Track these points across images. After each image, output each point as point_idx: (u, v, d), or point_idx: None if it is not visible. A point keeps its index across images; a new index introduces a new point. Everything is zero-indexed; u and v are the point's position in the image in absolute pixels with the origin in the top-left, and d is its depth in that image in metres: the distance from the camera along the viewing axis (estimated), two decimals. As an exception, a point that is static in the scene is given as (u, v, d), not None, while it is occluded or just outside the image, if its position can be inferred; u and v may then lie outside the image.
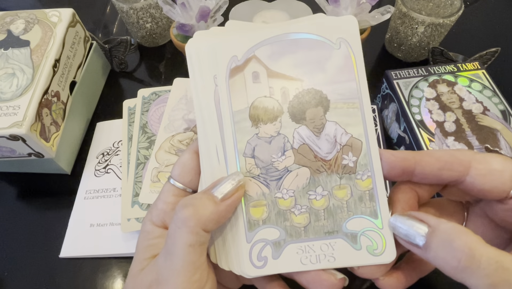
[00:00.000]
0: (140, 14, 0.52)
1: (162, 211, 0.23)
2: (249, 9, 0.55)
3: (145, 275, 0.21)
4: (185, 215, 0.20)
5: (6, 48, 0.42)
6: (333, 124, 0.22)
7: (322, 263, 0.21)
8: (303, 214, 0.22)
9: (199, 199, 0.21)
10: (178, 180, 0.23)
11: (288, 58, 0.23)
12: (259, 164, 0.23)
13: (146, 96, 0.44)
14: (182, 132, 0.39)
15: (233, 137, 0.23)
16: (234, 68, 0.23)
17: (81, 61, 0.47)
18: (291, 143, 0.22)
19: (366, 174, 0.22)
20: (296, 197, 0.22)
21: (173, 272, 0.20)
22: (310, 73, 0.23)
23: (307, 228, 0.22)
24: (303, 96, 0.23)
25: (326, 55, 0.23)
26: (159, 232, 0.23)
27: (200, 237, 0.20)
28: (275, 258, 0.22)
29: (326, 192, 0.22)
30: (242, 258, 0.22)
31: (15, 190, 0.44)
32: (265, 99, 0.23)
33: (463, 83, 0.40)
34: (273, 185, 0.22)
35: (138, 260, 0.22)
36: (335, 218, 0.22)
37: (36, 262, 0.38)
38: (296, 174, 0.22)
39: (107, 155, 0.45)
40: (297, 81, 0.23)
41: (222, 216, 0.21)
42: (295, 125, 0.23)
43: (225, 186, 0.21)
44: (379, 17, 0.45)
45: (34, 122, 0.36)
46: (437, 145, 0.35)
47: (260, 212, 0.22)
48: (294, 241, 0.22)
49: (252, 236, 0.22)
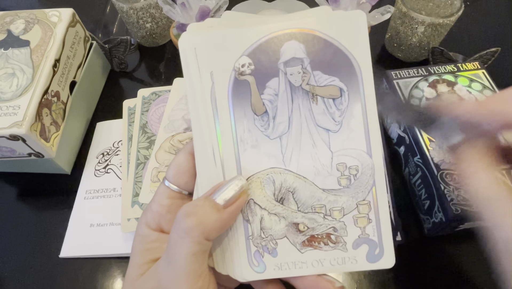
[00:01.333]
0: (140, 14, 0.52)
1: (157, 213, 0.23)
2: (249, 9, 0.55)
3: (145, 281, 0.21)
4: (188, 225, 0.19)
5: (6, 48, 0.42)
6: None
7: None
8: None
9: (202, 206, 0.20)
10: (173, 182, 0.23)
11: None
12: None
13: (146, 96, 0.44)
14: (182, 132, 0.39)
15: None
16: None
17: (81, 61, 0.47)
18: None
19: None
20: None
21: (175, 280, 0.19)
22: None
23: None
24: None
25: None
26: (155, 235, 0.22)
27: (203, 246, 0.20)
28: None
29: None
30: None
31: (15, 190, 0.44)
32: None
33: (463, 83, 0.40)
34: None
35: (136, 264, 0.22)
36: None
37: (36, 262, 0.38)
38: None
39: (107, 155, 0.45)
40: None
41: (226, 223, 0.20)
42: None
43: (227, 192, 0.20)
44: (379, 17, 0.45)
45: (34, 122, 0.36)
46: (437, 145, 0.35)
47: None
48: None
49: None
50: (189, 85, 0.22)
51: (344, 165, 0.21)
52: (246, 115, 0.22)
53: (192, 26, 0.22)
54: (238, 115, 0.22)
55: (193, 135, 0.22)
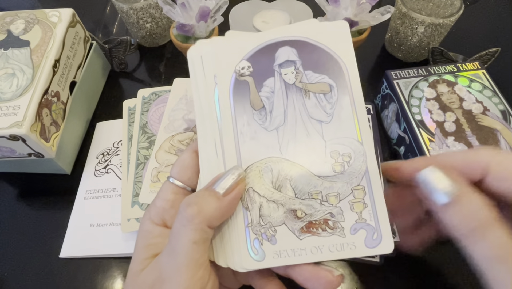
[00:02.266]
0: (140, 14, 0.52)
1: (161, 208, 0.23)
2: (249, 9, 0.55)
3: (147, 274, 0.21)
4: (190, 213, 0.20)
5: (6, 48, 0.42)
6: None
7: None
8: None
9: (202, 196, 0.21)
10: (177, 178, 0.24)
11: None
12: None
13: (146, 96, 0.44)
14: (182, 132, 0.39)
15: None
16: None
17: (81, 61, 0.47)
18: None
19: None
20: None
21: (176, 269, 0.20)
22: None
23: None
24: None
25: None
26: (158, 230, 0.23)
27: (205, 234, 0.20)
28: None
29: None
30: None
31: (15, 190, 0.44)
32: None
33: (463, 83, 0.40)
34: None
35: (138, 259, 0.22)
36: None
37: (36, 262, 0.38)
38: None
39: (107, 155, 0.45)
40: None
41: (226, 211, 0.21)
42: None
43: (226, 181, 0.21)
44: (379, 17, 0.45)
45: (34, 123, 0.36)
46: (437, 145, 0.35)
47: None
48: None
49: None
50: (194, 87, 0.24)
51: (337, 152, 0.23)
52: (245, 110, 0.24)
53: (200, 42, 0.26)
54: (238, 111, 0.24)
55: (197, 133, 0.24)
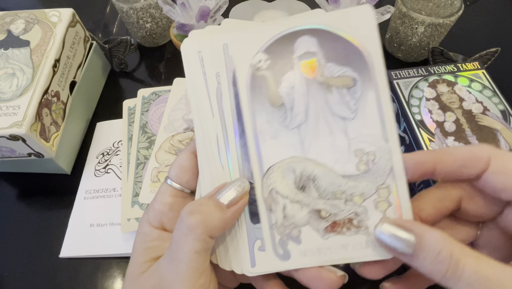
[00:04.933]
0: (140, 14, 0.52)
1: (159, 211, 0.23)
2: (249, 9, 0.55)
3: (146, 279, 0.21)
4: (192, 222, 0.20)
5: (6, 48, 0.42)
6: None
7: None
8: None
9: (206, 205, 0.20)
10: (176, 180, 0.23)
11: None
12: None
13: (146, 96, 0.44)
14: (182, 132, 0.39)
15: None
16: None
17: (81, 61, 0.47)
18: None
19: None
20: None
21: (178, 277, 0.20)
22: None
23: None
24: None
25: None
26: (157, 233, 0.23)
27: (206, 244, 0.20)
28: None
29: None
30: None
31: (15, 190, 0.44)
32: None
33: (463, 83, 0.40)
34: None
35: (137, 262, 0.22)
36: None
37: (36, 262, 0.38)
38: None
39: (107, 155, 0.45)
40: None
41: (228, 222, 0.21)
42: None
43: (230, 193, 0.21)
44: (379, 17, 0.45)
45: (34, 122, 0.36)
46: (437, 145, 0.35)
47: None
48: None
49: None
50: (190, 87, 0.23)
51: (361, 151, 0.22)
52: (264, 108, 0.22)
53: (193, 33, 0.23)
54: (257, 109, 0.22)
55: (196, 135, 0.23)
